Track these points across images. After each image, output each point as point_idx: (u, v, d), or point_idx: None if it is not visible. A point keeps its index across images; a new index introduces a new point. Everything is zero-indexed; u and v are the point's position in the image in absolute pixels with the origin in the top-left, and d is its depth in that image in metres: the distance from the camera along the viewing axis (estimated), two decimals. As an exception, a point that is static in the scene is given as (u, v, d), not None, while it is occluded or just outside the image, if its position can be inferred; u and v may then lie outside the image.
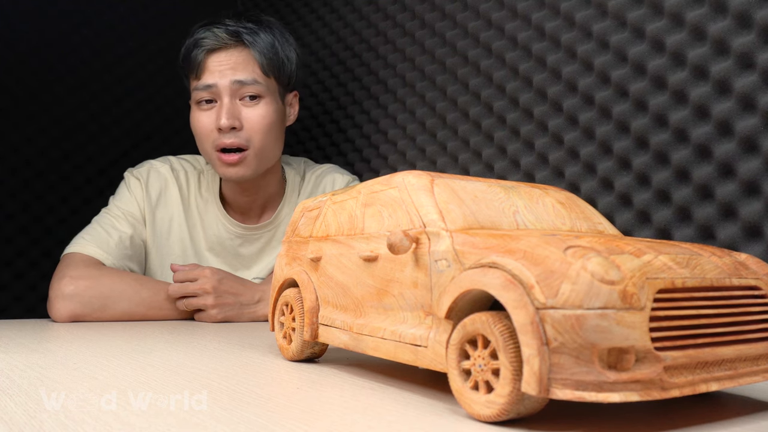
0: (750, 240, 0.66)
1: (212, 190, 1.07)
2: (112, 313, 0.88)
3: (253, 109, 0.97)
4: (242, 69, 0.97)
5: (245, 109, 0.97)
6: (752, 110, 0.66)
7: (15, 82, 1.27)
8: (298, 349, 0.51)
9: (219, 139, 0.96)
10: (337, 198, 0.51)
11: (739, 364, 0.34)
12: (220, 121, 0.94)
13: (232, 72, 0.96)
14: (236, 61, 0.97)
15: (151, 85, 1.45)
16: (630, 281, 0.30)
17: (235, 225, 1.06)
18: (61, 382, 0.43)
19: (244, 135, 0.96)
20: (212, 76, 0.96)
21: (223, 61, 0.97)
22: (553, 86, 0.86)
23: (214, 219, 1.06)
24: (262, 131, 0.97)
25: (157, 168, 1.07)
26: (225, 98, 0.96)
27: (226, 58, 0.97)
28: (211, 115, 0.97)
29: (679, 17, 0.73)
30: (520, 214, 0.42)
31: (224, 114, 0.95)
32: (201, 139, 0.99)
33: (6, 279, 1.29)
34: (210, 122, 0.97)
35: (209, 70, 0.97)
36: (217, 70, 0.96)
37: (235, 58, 0.97)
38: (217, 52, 0.97)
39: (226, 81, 0.96)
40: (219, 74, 0.96)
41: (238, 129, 0.96)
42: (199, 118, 0.98)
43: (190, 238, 1.06)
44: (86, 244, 0.95)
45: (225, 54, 0.97)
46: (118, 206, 1.03)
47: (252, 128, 0.97)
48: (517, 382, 0.30)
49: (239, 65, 0.97)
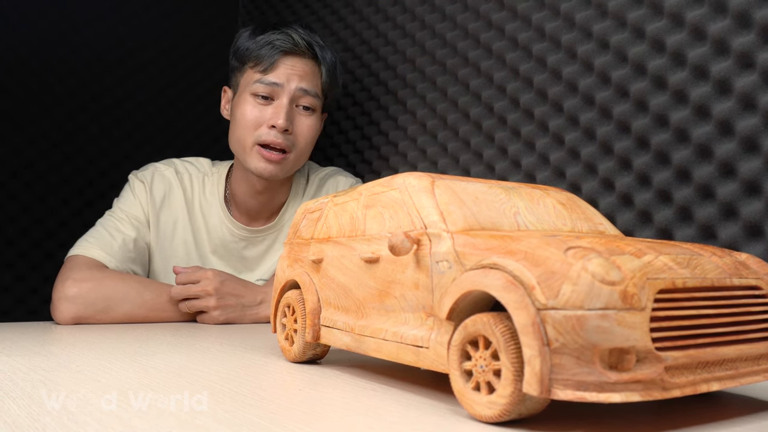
0: (751, 240, 0.66)
1: (216, 192, 1.08)
2: (114, 315, 0.88)
3: (306, 118, 1.01)
4: (309, 79, 1.01)
5: (299, 117, 1.00)
6: (753, 110, 0.66)
7: (16, 84, 1.28)
8: (300, 351, 0.51)
9: (266, 135, 0.98)
10: (338, 200, 0.51)
11: (740, 363, 0.34)
12: (278, 120, 0.96)
13: (299, 79, 1.00)
14: (305, 71, 1.01)
15: (153, 87, 1.45)
16: (631, 282, 0.30)
17: (239, 227, 1.06)
18: (64, 384, 0.43)
19: (292, 139, 0.99)
20: (280, 76, 0.99)
21: (296, 66, 1.00)
22: (553, 87, 0.86)
23: (218, 221, 1.06)
24: (307, 141, 1.02)
25: (162, 171, 1.07)
26: (284, 100, 0.98)
27: (299, 65, 1.00)
28: (265, 111, 0.99)
29: (679, 17, 0.73)
30: (521, 215, 0.42)
31: (284, 115, 0.97)
32: (244, 130, 0.99)
33: (8, 281, 1.29)
34: (261, 117, 0.98)
35: (279, 69, 0.99)
36: (286, 73, 0.99)
37: (305, 67, 1.01)
38: (291, 56, 1.00)
39: (292, 85, 0.99)
40: (287, 77, 0.99)
41: (289, 133, 0.99)
42: (250, 110, 0.99)
43: (194, 241, 1.06)
44: (89, 247, 0.95)
45: (298, 60, 1.01)
46: (122, 209, 1.03)
47: (300, 136, 1.00)
48: (518, 383, 0.30)
49: (307, 75, 1.01)
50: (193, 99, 1.50)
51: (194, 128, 1.49)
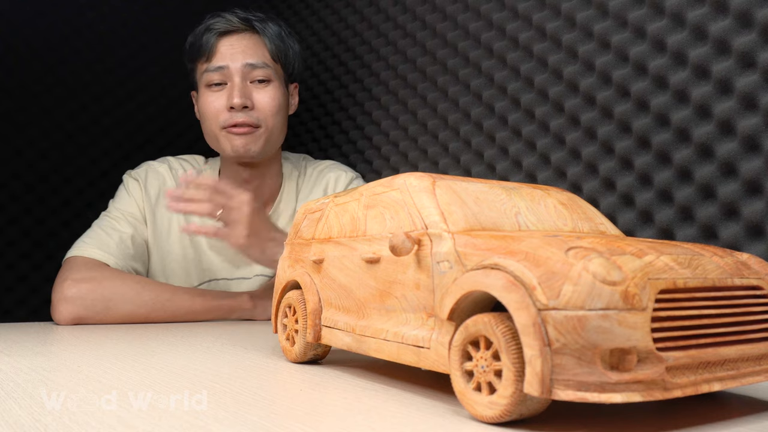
0: (752, 240, 0.66)
1: None
2: (114, 316, 0.88)
3: (263, 91, 1.00)
4: (252, 53, 1.00)
5: (256, 91, 1.00)
6: (754, 109, 0.66)
7: (17, 85, 1.28)
8: (301, 351, 0.51)
9: (230, 119, 0.98)
10: (339, 200, 0.51)
11: (741, 364, 0.34)
12: (233, 100, 0.96)
13: (243, 55, 0.99)
14: (247, 45, 1.00)
15: (154, 88, 1.45)
16: (632, 282, 0.30)
17: None
18: (65, 384, 0.43)
19: (255, 115, 0.99)
20: (224, 58, 0.99)
21: (235, 44, 1.00)
22: (554, 86, 0.86)
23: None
24: (272, 112, 1.00)
25: (156, 168, 1.08)
26: (236, 79, 0.98)
27: (238, 42, 1.00)
28: (221, 96, 0.99)
29: (679, 17, 0.73)
30: (522, 215, 0.42)
31: (237, 93, 0.97)
32: (210, 121, 1.00)
33: (9, 282, 1.29)
34: (220, 103, 0.99)
35: (220, 52, 0.99)
36: (229, 53, 0.99)
37: (246, 42, 1.01)
38: (229, 36, 1.00)
39: (237, 63, 0.98)
40: (230, 57, 0.99)
41: (250, 108, 0.98)
42: (209, 100, 0.99)
43: (190, 237, 1.06)
44: (87, 247, 0.95)
45: (236, 38, 1.00)
46: (117, 208, 1.03)
47: (263, 109, 0.99)
48: (519, 383, 0.30)
49: (249, 49, 1.00)
50: (194, 99, 1.50)
51: (195, 129, 1.49)
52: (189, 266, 1.05)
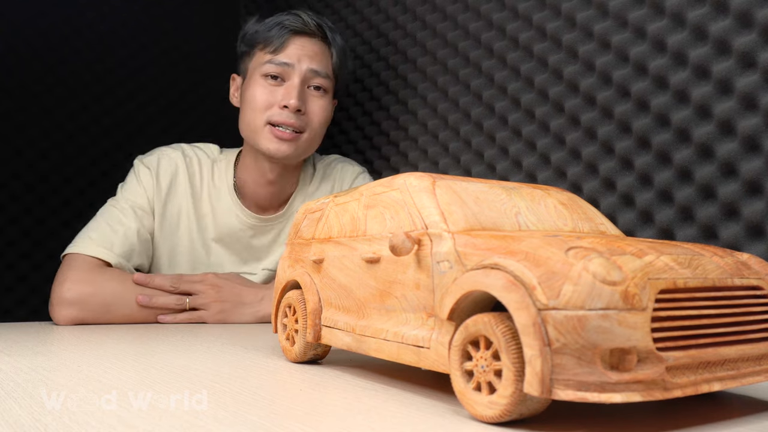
0: (752, 240, 0.66)
1: (225, 179, 1.05)
2: (114, 318, 0.88)
3: (319, 99, 1.00)
4: (319, 60, 1.00)
5: (311, 98, 1.00)
6: (754, 110, 0.66)
7: (17, 85, 1.28)
8: (301, 351, 0.51)
9: (278, 116, 0.97)
10: (339, 200, 0.51)
11: (741, 363, 0.34)
12: (291, 100, 0.96)
13: (310, 60, 0.99)
14: (315, 51, 1.00)
15: (155, 88, 1.45)
16: (632, 282, 0.30)
17: (249, 215, 1.04)
18: (65, 384, 0.43)
19: (305, 119, 0.98)
20: (291, 56, 0.98)
21: (306, 46, 1.00)
22: (554, 87, 0.86)
23: (227, 209, 1.04)
24: (320, 122, 1.01)
25: (168, 154, 1.04)
26: (296, 80, 0.98)
27: (309, 45, 1.00)
28: (276, 92, 0.98)
29: (680, 17, 0.73)
30: (522, 215, 0.42)
31: (296, 94, 0.96)
32: (255, 111, 0.98)
33: (9, 281, 1.29)
34: (272, 98, 0.97)
35: (290, 49, 0.99)
36: (297, 53, 0.99)
37: (315, 48, 1.01)
38: (301, 36, 1.00)
39: (303, 66, 0.98)
40: (298, 57, 0.98)
41: (302, 113, 0.98)
42: (261, 91, 0.98)
43: (198, 229, 1.04)
44: (90, 244, 0.93)
45: (308, 41, 1.00)
46: (126, 198, 1.00)
47: (313, 116, 0.99)
48: (519, 383, 0.30)
49: (318, 56, 1.00)
50: (195, 99, 1.51)
51: (196, 129, 1.49)
52: (196, 260, 1.04)
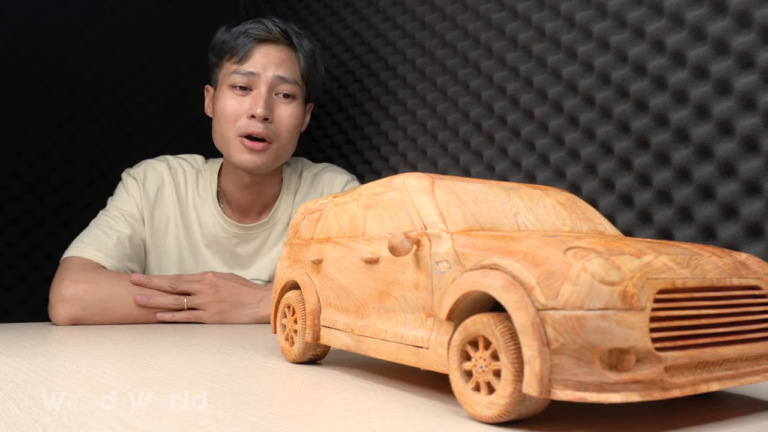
0: (751, 240, 0.66)
1: (209, 189, 1.07)
2: (112, 317, 0.89)
3: (286, 106, 1.00)
4: (286, 67, 1.00)
5: (279, 105, 0.99)
6: (753, 110, 0.66)
7: (17, 85, 1.28)
8: (300, 351, 0.51)
9: (247, 126, 0.97)
10: (338, 200, 0.51)
11: (740, 363, 0.34)
12: (257, 109, 0.95)
13: (276, 67, 0.99)
14: (281, 58, 1.00)
15: (154, 88, 1.45)
16: (630, 282, 0.30)
17: (231, 224, 1.05)
18: (64, 385, 0.43)
19: (273, 129, 0.98)
20: (256, 65, 0.98)
21: (271, 53, 0.99)
22: (553, 87, 0.86)
23: (211, 218, 1.06)
24: (289, 130, 1.00)
25: (155, 166, 1.07)
26: (263, 88, 0.97)
27: (274, 52, 0.99)
28: (244, 102, 0.98)
29: (678, 17, 0.73)
30: (521, 215, 0.43)
31: (262, 103, 0.96)
32: (226, 123, 0.98)
33: (9, 282, 1.29)
34: (241, 108, 0.97)
35: (254, 58, 0.98)
36: (262, 61, 0.98)
37: (281, 54, 1.00)
38: (266, 44, 0.99)
39: (269, 73, 0.98)
40: (263, 65, 0.98)
41: (270, 121, 0.97)
42: (229, 102, 0.98)
43: (186, 237, 1.06)
44: (85, 248, 0.95)
45: (273, 48, 1.00)
46: (116, 207, 1.03)
47: (282, 124, 0.99)
48: (518, 383, 0.30)
49: (284, 62, 1.00)
50: (194, 100, 1.50)
51: (196, 129, 1.49)
52: (185, 265, 1.05)
